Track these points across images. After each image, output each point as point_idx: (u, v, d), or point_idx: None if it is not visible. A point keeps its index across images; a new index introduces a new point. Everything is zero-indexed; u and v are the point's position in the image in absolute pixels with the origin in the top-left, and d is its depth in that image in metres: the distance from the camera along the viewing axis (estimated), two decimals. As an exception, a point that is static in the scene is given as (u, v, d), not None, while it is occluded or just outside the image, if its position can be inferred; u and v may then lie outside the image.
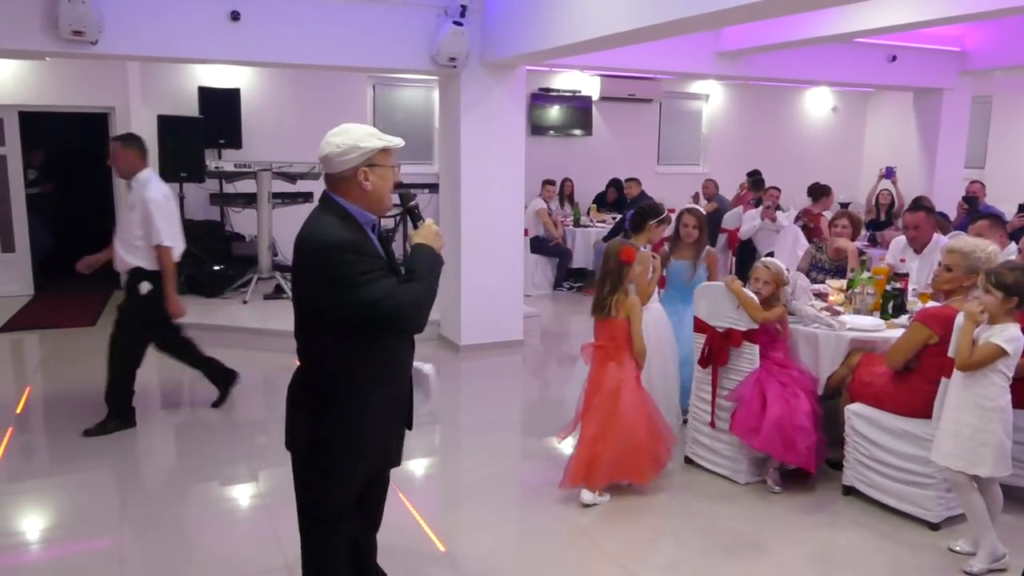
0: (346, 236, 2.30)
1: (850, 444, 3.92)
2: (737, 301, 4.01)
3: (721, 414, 4.14)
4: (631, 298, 3.93)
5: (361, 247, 2.31)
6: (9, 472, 4.31)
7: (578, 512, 3.87)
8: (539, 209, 9.29)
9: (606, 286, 3.94)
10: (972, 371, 3.23)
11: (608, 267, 3.96)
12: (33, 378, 6.09)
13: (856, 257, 5.15)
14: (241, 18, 5.55)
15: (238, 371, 5.39)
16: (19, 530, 3.74)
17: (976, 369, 3.21)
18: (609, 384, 3.89)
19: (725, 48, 7.96)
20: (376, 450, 2.51)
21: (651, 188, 10.15)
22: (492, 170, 6.58)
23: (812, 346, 4.13)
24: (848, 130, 12.99)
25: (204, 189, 8.48)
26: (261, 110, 9.06)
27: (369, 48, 6.02)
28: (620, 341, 3.92)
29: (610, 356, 3.94)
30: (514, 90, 6.60)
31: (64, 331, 7.32)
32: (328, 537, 2.53)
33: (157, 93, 8.44)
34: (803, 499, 3.98)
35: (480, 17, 6.25)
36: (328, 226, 2.31)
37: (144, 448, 4.81)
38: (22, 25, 5.04)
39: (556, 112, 10.83)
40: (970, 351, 3.22)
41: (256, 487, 4.16)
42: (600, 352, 3.99)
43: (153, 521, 3.80)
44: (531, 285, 8.94)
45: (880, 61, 8.91)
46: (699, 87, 11.87)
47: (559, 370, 6.68)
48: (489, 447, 4.74)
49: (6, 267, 8.57)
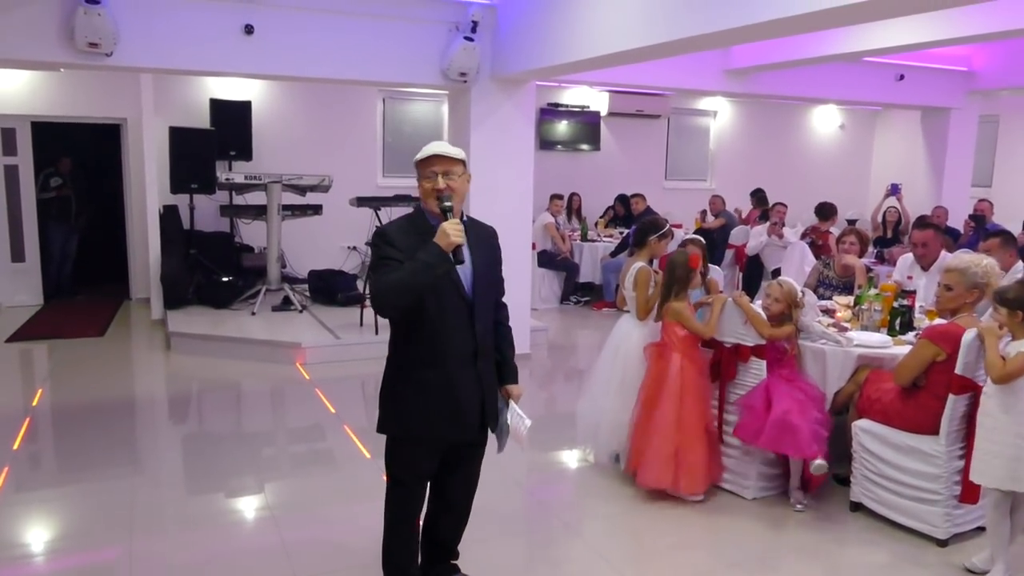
0: (388, 225, 2.79)
1: (857, 460, 3.91)
2: (745, 316, 4.03)
3: (727, 428, 4.14)
4: (676, 303, 4.10)
5: (391, 237, 2.69)
6: (17, 482, 4.33)
7: (584, 525, 3.87)
8: (547, 223, 9.32)
9: (671, 291, 4.10)
10: (1009, 382, 3.20)
11: (677, 274, 4.08)
12: (40, 388, 6.12)
13: (864, 274, 5.15)
14: (255, 32, 5.62)
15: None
16: (25, 541, 3.76)
17: (1013, 380, 3.20)
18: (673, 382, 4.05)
19: (734, 65, 8.01)
20: (419, 425, 2.77)
21: (659, 203, 10.19)
22: (501, 184, 6.61)
23: (819, 362, 4.13)
24: (855, 147, 13.02)
25: (214, 201, 8.54)
26: (272, 123, 9.13)
27: (381, 62, 6.08)
28: (667, 340, 4.11)
29: (662, 354, 4.11)
30: (524, 105, 6.65)
31: (72, 341, 7.36)
32: (391, 493, 2.93)
33: (169, 105, 8.52)
34: (810, 515, 3.97)
35: (491, 33, 6.31)
36: None
37: (151, 459, 4.82)
38: (38, 36, 5.10)
39: (564, 127, 10.89)
40: (1002, 364, 3.22)
41: (263, 499, 4.17)
42: (655, 349, 4.15)
43: (160, 532, 3.81)
44: (538, 299, 8.96)
45: (888, 80, 8.95)
46: (707, 103, 11.92)
47: (565, 384, 6.69)
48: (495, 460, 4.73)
49: (17, 277, 8.63)
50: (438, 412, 2.76)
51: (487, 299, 2.87)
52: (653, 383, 4.13)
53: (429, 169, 2.75)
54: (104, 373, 6.45)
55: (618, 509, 4.06)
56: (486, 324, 2.85)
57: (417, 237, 2.67)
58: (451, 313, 2.73)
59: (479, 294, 2.80)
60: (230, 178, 7.83)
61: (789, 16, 3.63)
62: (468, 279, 2.78)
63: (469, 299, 2.77)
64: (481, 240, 2.88)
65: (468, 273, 2.77)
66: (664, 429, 4.02)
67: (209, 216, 8.73)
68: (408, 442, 2.84)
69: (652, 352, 4.20)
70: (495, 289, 2.95)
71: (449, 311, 2.72)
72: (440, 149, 2.76)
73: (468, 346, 2.77)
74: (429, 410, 2.76)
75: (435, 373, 2.74)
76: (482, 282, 2.81)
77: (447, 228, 2.59)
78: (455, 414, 2.78)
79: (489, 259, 2.89)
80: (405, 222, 2.81)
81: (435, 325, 2.71)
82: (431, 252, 2.58)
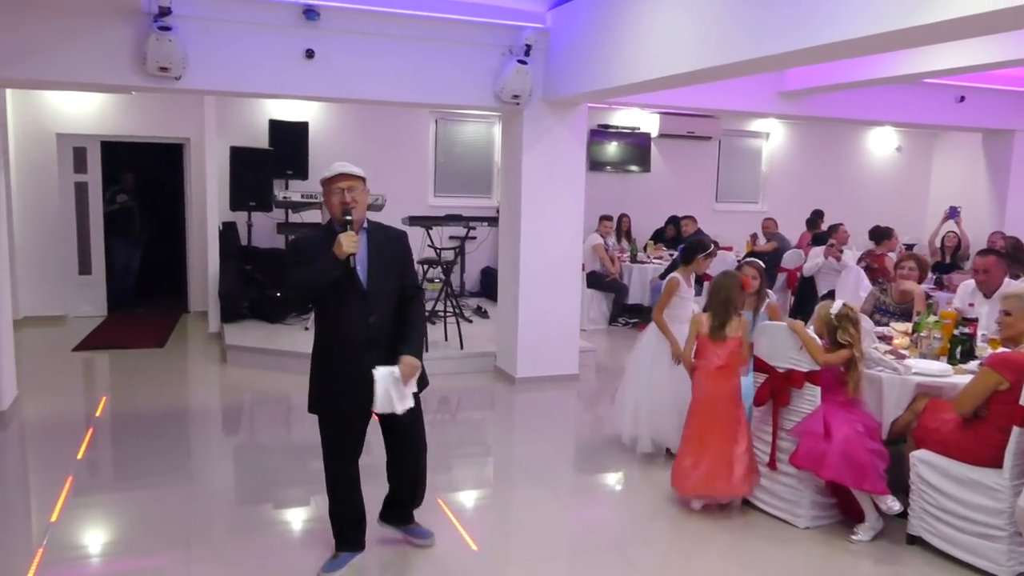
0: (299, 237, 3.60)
1: (915, 492, 3.81)
2: (800, 342, 3.97)
3: (781, 455, 4.08)
4: (742, 319, 4.28)
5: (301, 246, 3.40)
6: (77, 488, 4.47)
7: (631, 549, 3.84)
8: (596, 244, 9.32)
9: (726, 312, 4.20)
10: None
11: (730, 295, 4.23)
12: (104, 397, 6.33)
13: (923, 300, 5.04)
14: (315, 56, 5.78)
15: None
16: (86, 543, 3.89)
17: None
18: (728, 398, 4.20)
19: (788, 88, 7.94)
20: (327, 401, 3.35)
21: (709, 226, 10.11)
22: (552, 205, 6.65)
23: (875, 389, 4.05)
24: (913, 170, 12.74)
25: (271, 218, 8.76)
26: (328, 143, 9.34)
27: (436, 85, 6.19)
28: (737, 358, 4.23)
29: (730, 373, 4.21)
30: (575, 127, 6.70)
31: (133, 352, 7.60)
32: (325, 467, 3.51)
33: (230, 125, 8.79)
34: (864, 546, 3.87)
35: (544, 55, 6.38)
36: None
37: (204, 468, 4.95)
38: (113, 61, 5.33)
39: (614, 148, 10.90)
40: None
41: (310, 511, 4.23)
42: (721, 371, 4.20)
43: (213, 540, 3.90)
44: (587, 320, 8.94)
45: (948, 102, 8.75)
46: (759, 125, 11.82)
47: (611, 406, 6.64)
48: (542, 480, 4.74)
49: (83, 289, 8.96)
50: (340, 390, 3.29)
51: (382, 294, 3.31)
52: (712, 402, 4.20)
53: (336, 185, 3.24)
54: (162, 383, 6.64)
55: (665, 534, 4.02)
56: (382, 316, 3.31)
57: (324, 245, 3.19)
58: (349, 307, 3.25)
59: (374, 290, 3.27)
60: (287, 196, 8.03)
61: (847, 39, 3.58)
62: (365, 278, 3.26)
63: (364, 294, 3.25)
64: (383, 243, 3.36)
65: (365, 272, 3.26)
66: (721, 443, 4.15)
67: (265, 233, 8.95)
68: (327, 418, 3.38)
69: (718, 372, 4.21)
70: (393, 286, 3.36)
71: (347, 305, 3.24)
72: (345, 168, 3.27)
73: (364, 334, 3.26)
74: (333, 389, 3.31)
75: (338, 357, 3.29)
76: (377, 280, 3.28)
77: (342, 239, 3.13)
78: (352, 391, 3.25)
79: (389, 259, 3.35)
80: (316, 233, 3.42)
81: (337, 317, 3.27)
82: (328, 259, 3.14)
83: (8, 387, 5.52)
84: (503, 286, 7.08)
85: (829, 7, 3.62)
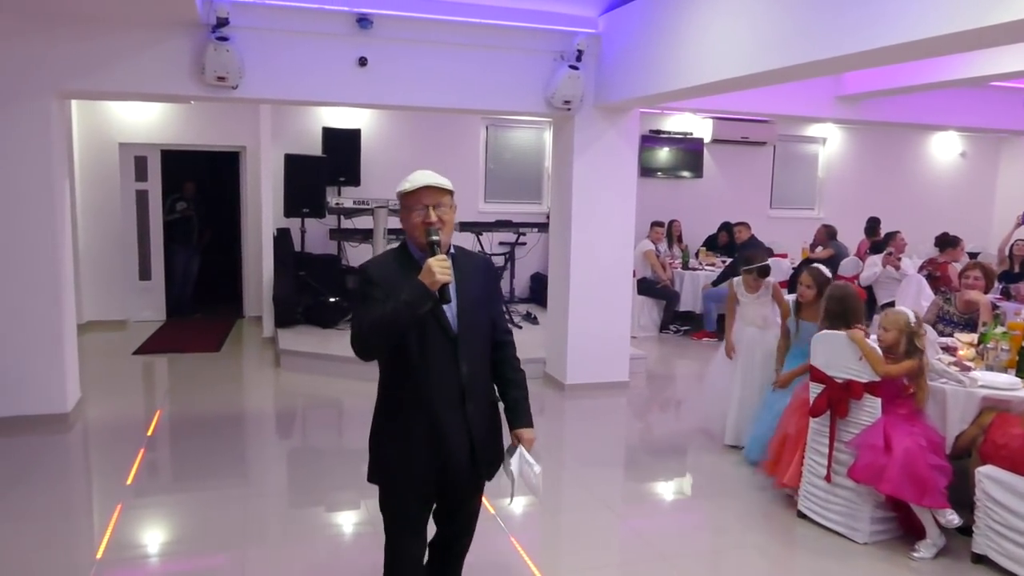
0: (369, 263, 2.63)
1: (981, 509, 3.66)
2: (859, 352, 3.86)
3: (838, 468, 3.96)
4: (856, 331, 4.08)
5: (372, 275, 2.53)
6: (137, 488, 4.58)
7: (684, 559, 3.77)
8: (647, 251, 9.23)
9: (841, 323, 4.11)
10: None
11: (849, 305, 4.15)
12: (162, 400, 6.49)
13: (989, 311, 4.86)
14: (368, 64, 5.85)
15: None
16: (144, 543, 3.98)
17: None
18: None
19: (846, 92, 7.75)
20: (402, 473, 2.62)
21: (763, 232, 9.92)
22: (603, 211, 6.61)
23: (939, 402, 3.91)
24: (978, 176, 12.33)
25: (324, 224, 8.89)
26: (380, 150, 9.45)
27: (488, 91, 6.20)
28: None
29: None
30: (627, 132, 6.64)
31: (191, 356, 7.78)
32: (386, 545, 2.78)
33: (284, 133, 8.96)
34: (927, 564, 3.73)
35: (595, 61, 6.35)
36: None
37: (258, 470, 5.03)
38: (173, 72, 5.48)
39: (665, 154, 10.79)
40: None
41: (361, 514, 4.25)
42: None
43: (266, 543, 3.96)
44: (637, 327, 8.85)
45: (1015, 105, 8.43)
46: (816, 130, 11.57)
47: (662, 414, 6.57)
48: (592, 488, 4.69)
49: (143, 294, 9.20)
50: (420, 459, 2.57)
51: (475, 337, 2.61)
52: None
53: (418, 201, 2.52)
54: (218, 387, 6.78)
55: (718, 545, 3.94)
56: (475, 365, 2.60)
57: (401, 273, 2.49)
58: (435, 353, 2.53)
59: (465, 332, 2.57)
60: (339, 203, 8.13)
61: (910, 41, 3.46)
62: (453, 317, 2.55)
63: (454, 337, 2.55)
64: (471, 273, 2.63)
65: (454, 310, 2.55)
66: None
67: (318, 239, 9.09)
68: (394, 491, 2.66)
69: None
70: (485, 327, 2.67)
71: (433, 351, 2.52)
72: (431, 180, 2.54)
73: (454, 388, 2.56)
74: (411, 456, 2.57)
75: (419, 417, 2.55)
76: (468, 319, 2.58)
77: (433, 265, 2.39)
78: (439, 460, 2.58)
79: (480, 294, 2.64)
80: (389, 258, 2.62)
81: (418, 366, 2.52)
82: (415, 290, 2.38)
83: (72, 389, 5.70)
84: (553, 292, 7.05)
85: (897, 7, 3.50)
